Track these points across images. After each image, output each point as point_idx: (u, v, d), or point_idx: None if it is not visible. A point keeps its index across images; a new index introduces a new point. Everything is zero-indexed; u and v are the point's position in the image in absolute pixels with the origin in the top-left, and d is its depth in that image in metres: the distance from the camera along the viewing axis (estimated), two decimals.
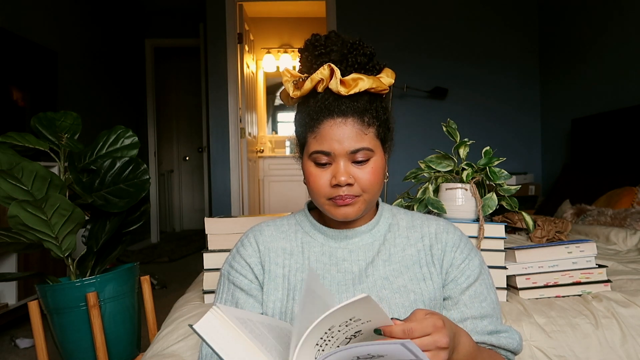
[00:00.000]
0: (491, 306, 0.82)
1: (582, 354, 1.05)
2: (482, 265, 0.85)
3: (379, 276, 0.81)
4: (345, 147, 0.77)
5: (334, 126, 0.77)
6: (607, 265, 1.29)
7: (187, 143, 6.29)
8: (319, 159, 0.79)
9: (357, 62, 0.80)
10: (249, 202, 4.17)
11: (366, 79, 0.79)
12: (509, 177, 1.25)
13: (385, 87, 0.82)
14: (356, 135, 0.77)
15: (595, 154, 3.11)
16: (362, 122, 0.78)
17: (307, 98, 0.83)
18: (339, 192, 0.78)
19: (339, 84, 0.78)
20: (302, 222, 0.90)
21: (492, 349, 0.79)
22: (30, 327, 1.50)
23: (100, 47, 4.17)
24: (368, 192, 0.80)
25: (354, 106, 0.78)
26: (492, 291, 0.84)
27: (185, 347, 1.02)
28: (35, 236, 1.46)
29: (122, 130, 1.74)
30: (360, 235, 0.86)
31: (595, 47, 3.33)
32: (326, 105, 0.79)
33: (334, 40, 0.81)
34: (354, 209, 0.80)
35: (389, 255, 0.84)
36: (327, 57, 0.81)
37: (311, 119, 0.80)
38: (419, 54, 3.98)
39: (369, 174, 0.79)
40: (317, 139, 0.79)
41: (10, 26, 2.86)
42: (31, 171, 1.43)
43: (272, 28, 5.34)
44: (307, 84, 0.81)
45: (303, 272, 0.83)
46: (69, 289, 1.54)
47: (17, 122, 2.87)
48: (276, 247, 0.87)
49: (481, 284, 0.82)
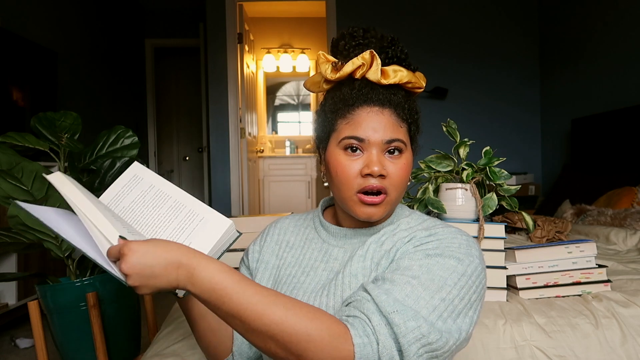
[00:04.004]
0: (416, 291, 0.64)
1: (582, 354, 1.06)
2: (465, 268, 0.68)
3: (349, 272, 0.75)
4: (381, 136, 0.74)
5: (371, 113, 0.75)
6: (607, 265, 1.30)
7: (187, 143, 6.28)
8: (351, 145, 0.75)
9: (396, 55, 0.79)
10: (249, 202, 4.17)
11: (406, 72, 0.78)
12: (509, 177, 1.25)
13: (422, 84, 0.81)
14: (392, 125, 0.75)
15: (595, 154, 3.11)
16: (398, 115, 0.76)
17: (339, 85, 0.81)
18: (370, 182, 0.73)
19: (380, 72, 0.76)
20: (314, 219, 0.88)
21: (360, 316, 0.62)
22: (30, 327, 1.50)
23: (101, 47, 4.17)
24: (396, 190, 0.75)
25: (391, 98, 0.76)
26: (445, 289, 0.65)
27: (185, 347, 1.03)
28: (35, 236, 1.46)
29: (122, 130, 1.74)
30: (359, 237, 0.82)
31: (595, 47, 3.33)
32: (363, 93, 0.76)
33: (373, 33, 0.80)
34: (379, 210, 0.75)
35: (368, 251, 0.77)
36: (366, 47, 0.78)
37: (345, 105, 0.76)
38: (419, 54, 3.96)
39: (400, 169, 0.75)
40: (350, 124, 0.75)
41: (10, 26, 2.85)
42: (31, 171, 1.43)
43: (272, 28, 5.34)
44: (348, 67, 0.77)
45: (293, 267, 0.82)
46: (69, 289, 1.54)
47: (17, 122, 2.87)
48: (282, 239, 0.87)
49: (434, 264, 0.67)
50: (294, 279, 0.80)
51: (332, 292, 0.75)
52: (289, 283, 0.80)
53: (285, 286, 0.80)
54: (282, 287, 0.80)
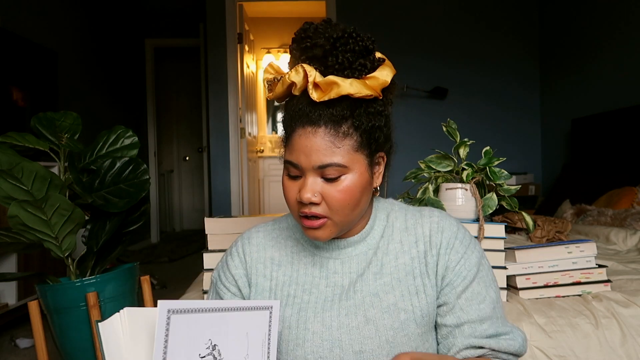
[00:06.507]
0: (490, 306, 0.75)
1: (582, 354, 1.06)
2: (480, 260, 0.78)
3: (368, 292, 0.74)
4: (312, 162, 0.68)
5: (302, 136, 0.69)
6: (607, 265, 1.30)
7: (187, 143, 6.29)
8: (290, 170, 0.72)
9: (337, 61, 0.69)
10: (249, 202, 4.17)
11: (342, 84, 0.68)
12: (509, 177, 1.25)
13: (369, 92, 0.69)
14: (326, 148, 0.68)
15: (595, 154, 3.11)
16: (337, 133, 0.68)
17: (289, 98, 0.74)
18: (304, 209, 0.71)
19: (313, 88, 0.68)
20: (294, 227, 0.84)
21: (493, 354, 0.74)
22: (30, 327, 1.50)
23: (101, 47, 4.17)
24: (338, 214, 0.71)
25: (328, 114, 0.68)
26: (492, 287, 0.77)
27: None
28: (35, 236, 1.46)
29: (122, 130, 1.74)
30: (354, 245, 0.79)
31: (595, 47, 3.33)
32: (299, 111, 0.70)
33: (321, 32, 0.70)
34: (323, 232, 0.72)
35: (381, 266, 0.77)
36: (311, 52, 0.70)
37: (287, 125, 0.72)
38: (419, 54, 3.98)
39: (339, 193, 0.69)
40: (288, 147, 0.72)
41: (10, 26, 2.86)
42: (31, 171, 1.43)
43: (272, 28, 5.34)
44: (279, 87, 0.72)
45: (290, 286, 0.78)
46: (69, 289, 1.53)
47: (17, 122, 2.87)
48: (264, 257, 0.81)
49: (479, 282, 0.76)
50: (295, 299, 0.77)
51: (352, 312, 0.73)
52: (292, 304, 0.76)
53: (288, 308, 0.76)
54: (286, 309, 0.76)
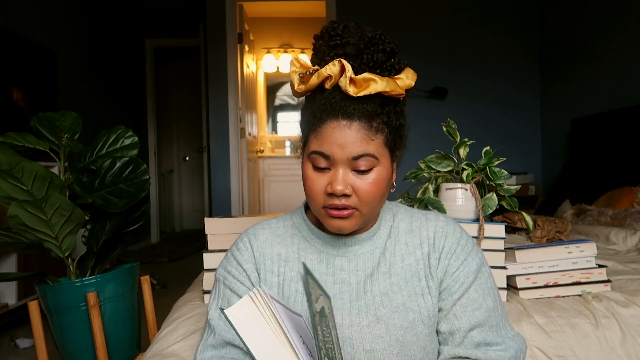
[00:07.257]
0: (485, 314, 0.75)
1: (582, 354, 1.05)
2: (480, 267, 0.79)
3: (378, 292, 0.76)
4: (347, 153, 0.70)
5: (337, 128, 0.70)
6: (607, 265, 1.29)
7: (187, 143, 6.29)
8: (317, 162, 0.72)
9: (372, 59, 0.72)
10: (249, 202, 4.17)
11: (379, 81, 0.70)
12: (509, 177, 1.25)
13: (401, 91, 0.73)
14: (361, 140, 0.70)
15: (595, 154, 3.11)
16: (370, 127, 0.71)
17: (314, 92, 0.76)
18: (334, 201, 0.71)
19: (349, 83, 0.70)
20: (299, 226, 0.84)
21: None
22: (30, 327, 1.50)
23: (101, 47, 4.17)
24: (367, 206, 0.73)
25: (362, 109, 0.70)
26: (490, 295, 0.78)
27: (185, 347, 1.02)
28: (35, 236, 1.46)
29: (122, 130, 1.74)
30: (361, 243, 0.80)
31: (595, 47, 3.33)
32: (332, 105, 0.71)
33: (353, 31, 0.72)
34: (350, 222, 0.73)
35: (389, 266, 0.78)
36: (342, 49, 0.72)
37: (314, 117, 0.72)
38: (419, 54, 3.98)
39: (370, 185, 0.71)
40: (317, 139, 0.72)
41: (10, 26, 2.86)
42: (31, 171, 1.43)
43: (272, 28, 5.34)
44: (314, 79, 0.73)
45: (298, 283, 0.79)
46: (69, 289, 1.53)
47: (17, 122, 2.87)
48: (271, 253, 0.82)
49: (476, 289, 0.77)
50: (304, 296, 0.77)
51: (363, 311, 0.75)
52: (301, 301, 0.77)
53: (298, 304, 0.77)
54: (295, 305, 0.77)
